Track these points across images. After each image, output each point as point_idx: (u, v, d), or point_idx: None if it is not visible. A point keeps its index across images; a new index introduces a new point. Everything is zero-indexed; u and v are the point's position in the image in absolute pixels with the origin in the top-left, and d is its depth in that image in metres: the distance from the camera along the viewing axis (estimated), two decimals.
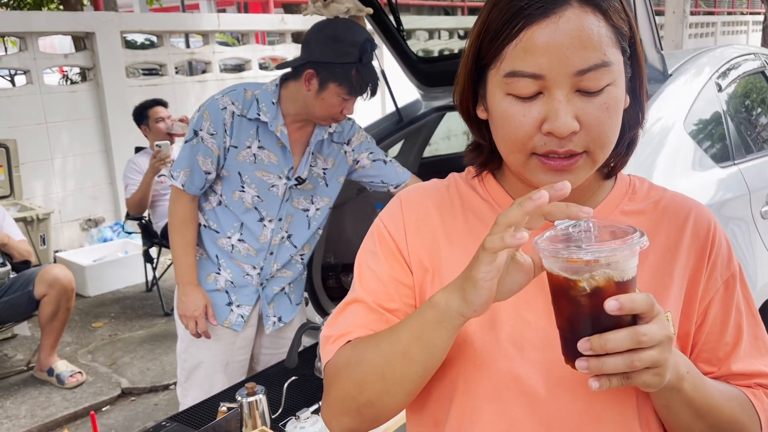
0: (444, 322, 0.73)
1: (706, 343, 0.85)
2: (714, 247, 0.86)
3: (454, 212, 0.90)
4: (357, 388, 0.81)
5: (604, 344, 0.64)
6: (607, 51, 0.73)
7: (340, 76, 1.83)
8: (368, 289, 0.88)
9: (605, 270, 0.64)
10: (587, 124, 0.74)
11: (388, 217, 0.91)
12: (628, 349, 0.64)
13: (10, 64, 5.26)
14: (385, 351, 0.78)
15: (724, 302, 0.85)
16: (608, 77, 0.74)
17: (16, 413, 3.11)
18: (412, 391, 0.80)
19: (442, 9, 10.41)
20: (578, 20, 0.72)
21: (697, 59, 2.39)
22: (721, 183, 2.19)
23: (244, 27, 6.71)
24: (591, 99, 0.74)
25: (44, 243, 4.54)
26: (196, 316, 1.99)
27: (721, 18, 16.83)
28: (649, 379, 0.66)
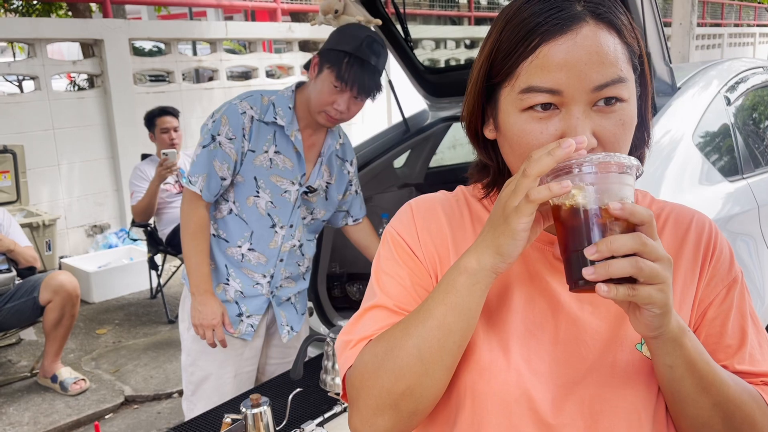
0: (478, 283, 0.75)
1: (705, 345, 0.82)
2: (714, 253, 0.86)
3: (463, 223, 0.91)
4: (393, 378, 0.78)
5: (610, 243, 0.65)
6: (623, 67, 0.75)
7: (333, 61, 1.86)
8: (389, 293, 0.87)
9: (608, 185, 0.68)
10: (604, 141, 0.75)
11: (400, 224, 0.92)
12: (633, 253, 0.66)
13: (18, 70, 5.29)
14: (418, 331, 0.77)
15: (725, 306, 0.85)
16: (624, 93, 0.75)
17: (20, 420, 3.11)
18: (450, 367, 0.79)
19: (449, 19, 10.43)
20: (595, 37, 0.73)
21: (706, 72, 2.39)
22: (729, 197, 2.18)
23: (251, 35, 6.74)
24: (608, 115, 0.75)
25: (50, 249, 4.55)
26: (213, 325, 1.96)
27: (728, 30, 16.82)
28: (654, 293, 0.66)
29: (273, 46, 7.88)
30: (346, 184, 2.19)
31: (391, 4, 3.07)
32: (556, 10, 0.74)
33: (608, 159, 0.68)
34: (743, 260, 2.14)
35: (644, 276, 0.65)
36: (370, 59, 1.87)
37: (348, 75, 1.85)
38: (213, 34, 6.29)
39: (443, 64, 8.42)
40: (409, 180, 3.40)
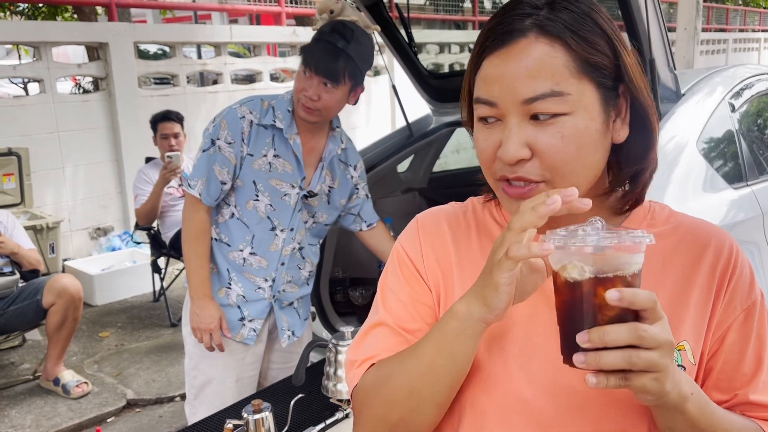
0: (467, 330, 0.75)
1: (722, 371, 0.83)
2: (734, 275, 0.83)
3: (469, 236, 0.91)
4: (387, 409, 0.82)
5: (603, 336, 0.63)
6: (561, 81, 0.74)
7: (304, 50, 1.90)
8: (391, 311, 0.90)
9: (607, 263, 0.64)
10: (539, 152, 0.75)
11: (406, 240, 0.93)
12: (628, 345, 0.63)
13: (24, 72, 5.31)
14: (411, 368, 0.80)
15: (744, 330, 0.82)
16: (561, 107, 0.74)
17: (22, 423, 3.11)
18: (442, 404, 0.81)
19: (453, 23, 10.44)
20: (530, 50, 0.74)
21: (710, 79, 2.38)
22: (733, 204, 2.17)
23: (255, 39, 6.75)
24: (545, 128, 0.74)
25: (53, 251, 4.55)
26: (211, 329, 1.97)
27: (732, 35, 16.80)
28: (649, 383, 0.64)
29: (277, 50, 7.90)
30: (350, 189, 2.19)
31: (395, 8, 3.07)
32: (505, 26, 0.77)
33: (614, 240, 0.64)
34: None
35: (639, 368, 0.64)
36: (337, 42, 1.86)
37: (311, 58, 1.85)
38: (218, 37, 6.31)
39: (447, 68, 8.43)
40: (412, 185, 3.39)
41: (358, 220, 2.24)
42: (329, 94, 1.89)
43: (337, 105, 1.94)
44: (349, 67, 1.87)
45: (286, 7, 7.33)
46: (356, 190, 2.20)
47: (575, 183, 0.75)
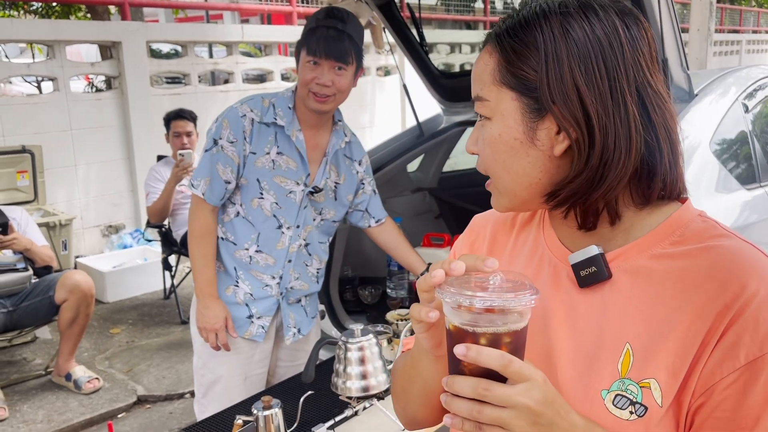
0: (422, 353, 0.84)
1: (708, 428, 0.71)
2: (741, 316, 0.69)
3: (508, 239, 0.93)
4: (394, 397, 1.00)
5: (452, 385, 0.66)
6: (484, 87, 0.79)
7: (302, 41, 1.90)
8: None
9: (477, 319, 0.65)
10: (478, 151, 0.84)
11: (461, 237, 1.02)
12: (473, 398, 0.65)
13: (37, 71, 5.35)
14: (402, 373, 0.94)
15: (744, 387, 0.68)
16: (484, 111, 0.80)
17: (33, 418, 3.13)
18: (426, 407, 0.91)
19: (464, 23, 10.42)
20: (480, 56, 0.81)
21: (724, 79, 2.37)
22: (746, 205, 2.16)
23: (267, 38, 6.77)
24: (481, 128, 0.82)
25: (66, 248, 4.59)
26: (216, 329, 1.98)
27: (746, 36, 16.67)
28: None
29: (288, 50, 7.92)
30: (356, 184, 2.18)
31: (407, 7, 3.07)
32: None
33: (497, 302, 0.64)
34: None
35: (483, 421, 0.65)
36: (336, 25, 1.88)
37: (317, 45, 1.86)
38: (229, 37, 6.33)
39: (458, 68, 8.42)
40: (422, 184, 3.39)
41: (366, 216, 2.23)
42: (340, 77, 1.90)
43: (349, 87, 1.96)
44: (354, 46, 1.90)
45: (297, 7, 7.34)
46: (362, 185, 2.20)
47: (506, 185, 0.81)
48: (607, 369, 0.75)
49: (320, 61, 1.87)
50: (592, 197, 0.76)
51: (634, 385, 0.73)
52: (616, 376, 0.74)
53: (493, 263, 0.68)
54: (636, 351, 0.73)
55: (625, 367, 0.74)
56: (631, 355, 0.74)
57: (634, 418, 0.72)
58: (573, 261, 0.80)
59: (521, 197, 0.81)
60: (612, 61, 0.73)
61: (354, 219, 2.25)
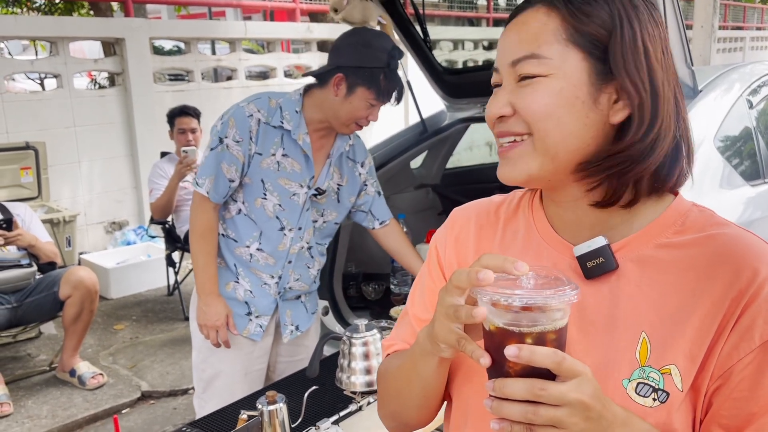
0: (425, 357, 0.81)
1: (727, 408, 0.73)
2: (755, 300, 0.71)
3: (495, 230, 0.92)
4: (385, 400, 0.95)
5: (502, 388, 0.65)
6: (543, 45, 0.76)
7: (368, 80, 1.86)
8: (414, 300, 0.98)
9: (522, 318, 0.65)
10: (518, 108, 0.78)
11: (440, 231, 0.98)
12: (528, 400, 0.63)
13: (41, 68, 5.36)
14: (396, 375, 0.90)
15: (759, 367, 0.71)
16: (539, 68, 0.76)
17: (38, 413, 3.15)
18: (424, 408, 0.90)
19: (467, 20, 10.41)
20: (528, 19, 0.79)
21: (728, 75, 2.37)
22: (750, 201, 2.15)
23: (270, 35, 6.77)
24: (524, 87, 0.78)
25: (69, 245, 4.60)
26: (217, 326, 1.99)
27: (749, 33, 16.62)
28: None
29: (291, 46, 7.91)
30: (359, 186, 2.18)
31: (411, 4, 3.07)
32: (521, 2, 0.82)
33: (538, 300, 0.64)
34: None
35: (538, 423, 0.64)
36: (398, 67, 1.91)
37: (386, 90, 1.89)
38: (232, 33, 6.34)
39: (461, 65, 8.41)
40: (426, 181, 3.39)
41: (370, 218, 2.23)
42: (380, 110, 1.97)
43: None
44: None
45: (300, 4, 7.34)
46: (365, 187, 2.20)
47: (552, 144, 0.76)
48: (625, 358, 0.75)
49: (380, 103, 1.91)
50: (633, 171, 0.76)
51: (656, 372, 0.74)
52: (635, 365, 0.75)
53: (523, 267, 0.66)
54: (653, 339, 0.75)
55: (643, 356, 0.75)
56: (648, 343, 0.75)
57: (657, 404, 0.73)
58: (578, 253, 0.80)
59: (557, 162, 0.77)
60: (665, 37, 0.78)
61: (358, 219, 2.26)
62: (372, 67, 1.86)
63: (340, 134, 2.06)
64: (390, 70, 1.88)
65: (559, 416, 0.63)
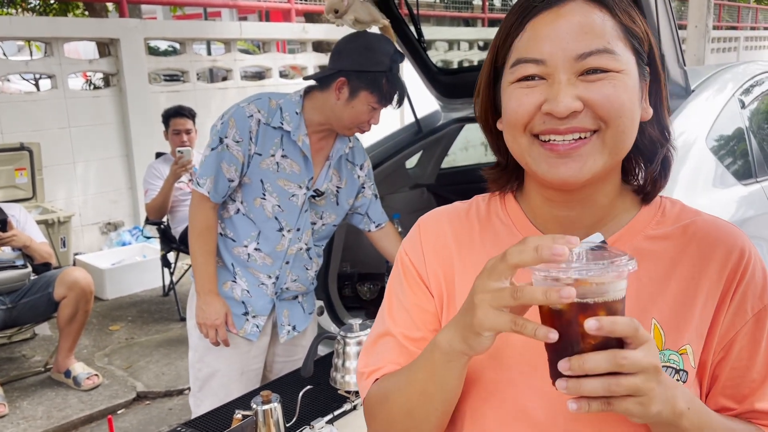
0: (451, 362, 0.76)
1: (730, 378, 0.80)
2: (744, 276, 0.79)
3: (472, 238, 0.90)
4: (388, 425, 0.86)
5: (582, 364, 0.63)
6: (611, 41, 0.75)
7: (371, 84, 1.88)
8: (395, 320, 0.91)
9: (590, 290, 0.64)
10: (592, 102, 0.74)
11: (409, 244, 0.94)
12: (608, 372, 0.63)
13: (35, 68, 5.35)
14: (406, 391, 0.82)
15: (754, 336, 0.79)
16: (613, 63, 0.74)
17: (33, 414, 3.14)
18: (439, 424, 0.83)
19: (462, 20, 10.42)
20: (580, 10, 0.76)
21: (720, 75, 2.38)
22: (742, 201, 2.16)
23: (265, 35, 6.77)
24: (596, 83, 0.74)
25: (64, 245, 4.59)
26: (217, 325, 1.99)
27: (744, 33, 16.68)
28: (632, 407, 0.64)
29: (287, 47, 7.91)
30: (357, 188, 2.19)
31: (405, 4, 3.07)
32: None
33: (598, 270, 0.63)
34: None
35: (620, 394, 0.63)
36: (399, 70, 1.93)
37: (389, 94, 1.91)
38: (227, 34, 6.33)
39: (456, 65, 8.42)
40: (420, 180, 3.40)
41: (366, 220, 2.24)
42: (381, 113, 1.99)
43: None
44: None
45: (295, 4, 7.34)
46: (362, 189, 2.21)
47: (623, 139, 0.76)
48: None
49: (381, 107, 1.93)
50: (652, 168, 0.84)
51: (675, 354, 0.78)
52: None
53: (575, 239, 0.64)
54: (664, 324, 0.79)
55: (658, 341, 0.78)
56: (660, 329, 0.79)
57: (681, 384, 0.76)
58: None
59: (617, 159, 0.78)
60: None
61: (354, 221, 2.27)
62: (375, 72, 1.87)
63: (339, 136, 2.07)
64: (392, 73, 1.89)
65: (638, 383, 0.63)
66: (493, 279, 0.67)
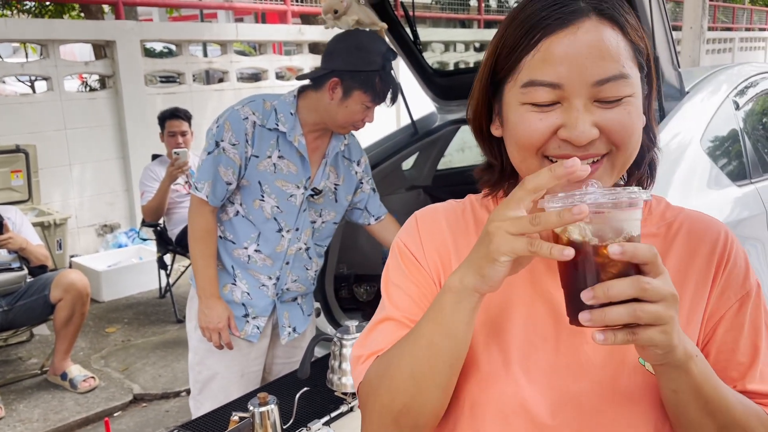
0: (462, 302, 0.74)
1: (716, 362, 0.81)
2: (728, 264, 0.83)
3: (467, 232, 0.91)
4: (390, 396, 0.81)
5: (607, 290, 0.63)
6: (626, 64, 0.74)
7: (364, 84, 1.88)
8: (397, 305, 0.89)
9: (606, 222, 0.65)
10: (608, 129, 0.75)
11: (406, 235, 0.93)
12: (632, 299, 0.63)
13: (31, 70, 5.34)
14: (410, 350, 0.79)
15: (738, 320, 0.82)
16: (627, 89, 0.74)
17: (29, 417, 3.14)
18: (445, 387, 0.79)
19: (458, 22, 10.43)
20: (597, 32, 0.74)
21: (715, 77, 2.39)
22: (737, 201, 2.17)
23: (261, 37, 6.77)
24: (610, 109, 0.75)
25: (60, 248, 4.59)
26: (219, 328, 1.99)
27: (738, 34, 16.74)
28: (656, 335, 0.64)
29: (283, 48, 7.92)
30: (355, 184, 2.20)
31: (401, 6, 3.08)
32: (559, 6, 0.75)
33: (612, 197, 0.65)
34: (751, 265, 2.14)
35: (644, 321, 0.64)
36: (392, 67, 1.93)
37: (382, 92, 1.92)
38: (223, 35, 6.33)
39: (452, 67, 8.43)
40: (417, 182, 3.40)
41: (365, 215, 2.25)
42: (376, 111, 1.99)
43: None
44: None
45: (291, 6, 7.34)
46: (360, 185, 2.22)
47: (630, 158, 0.79)
48: None
49: (374, 105, 1.93)
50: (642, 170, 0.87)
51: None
52: None
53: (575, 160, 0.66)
54: None
55: None
56: None
57: None
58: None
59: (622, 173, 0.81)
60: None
61: (354, 217, 2.27)
62: (367, 71, 1.88)
63: (335, 134, 2.08)
64: (385, 72, 1.90)
65: (660, 311, 0.64)
66: (510, 208, 0.68)
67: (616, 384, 0.79)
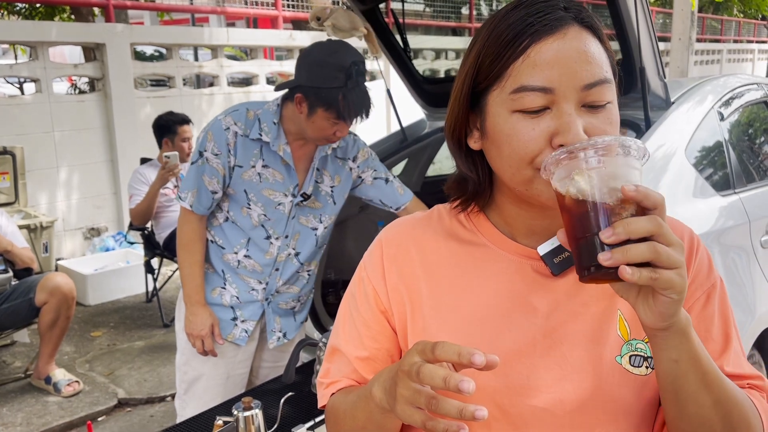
0: (386, 413, 0.76)
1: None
2: (695, 261, 0.86)
3: (437, 242, 0.91)
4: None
5: (628, 225, 0.64)
6: (607, 69, 0.77)
7: (326, 101, 1.81)
8: (346, 336, 0.93)
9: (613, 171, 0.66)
10: (595, 134, 0.75)
11: (369, 262, 0.94)
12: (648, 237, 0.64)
13: (20, 72, 5.32)
14: (350, 423, 0.86)
15: (707, 311, 0.85)
16: (610, 94, 0.77)
17: (12, 421, 3.11)
18: None
19: (449, 29, 10.49)
20: (581, 38, 0.76)
21: (700, 88, 2.41)
22: (721, 211, 2.20)
23: (252, 42, 6.78)
24: (596, 114, 0.76)
25: (47, 251, 4.55)
26: (203, 336, 2.00)
27: (727, 45, 16.93)
28: (674, 277, 0.64)
29: (274, 53, 7.92)
30: (353, 181, 2.17)
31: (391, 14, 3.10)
32: (544, 13, 0.76)
33: (612, 142, 0.67)
34: (734, 274, 2.16)
35: (662, 260, 0.64)
36: (362, 85, 1.85)
37: (348, 111, 1.82)
38: (215, 40, 6.33)
39: (443, 74, 8.47)
40: None
41: (383, 206, 2.22)
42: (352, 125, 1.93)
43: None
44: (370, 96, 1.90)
45: (283, 11, 7.36)
46: (360, 180, 2.19)
47: None
48: (610, 338, 0.82)
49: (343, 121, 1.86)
50: None
51: (641, 342, 0.82)
52: (620, 342, 0.82)
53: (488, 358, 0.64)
54: (627, 315, 0.83)
55: (624, 332, 0.82)
56: (624, 320, 0.82)
57: (650, 371, 0.81)
58: (543, 251, 0.83)
59: None
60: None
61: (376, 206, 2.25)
62: (329, 88, 1.80)
63: None
64: (348, 89, 1.80)
65: (674, 254, 0.64)
66: (413, 379, 0.67)
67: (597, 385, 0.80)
